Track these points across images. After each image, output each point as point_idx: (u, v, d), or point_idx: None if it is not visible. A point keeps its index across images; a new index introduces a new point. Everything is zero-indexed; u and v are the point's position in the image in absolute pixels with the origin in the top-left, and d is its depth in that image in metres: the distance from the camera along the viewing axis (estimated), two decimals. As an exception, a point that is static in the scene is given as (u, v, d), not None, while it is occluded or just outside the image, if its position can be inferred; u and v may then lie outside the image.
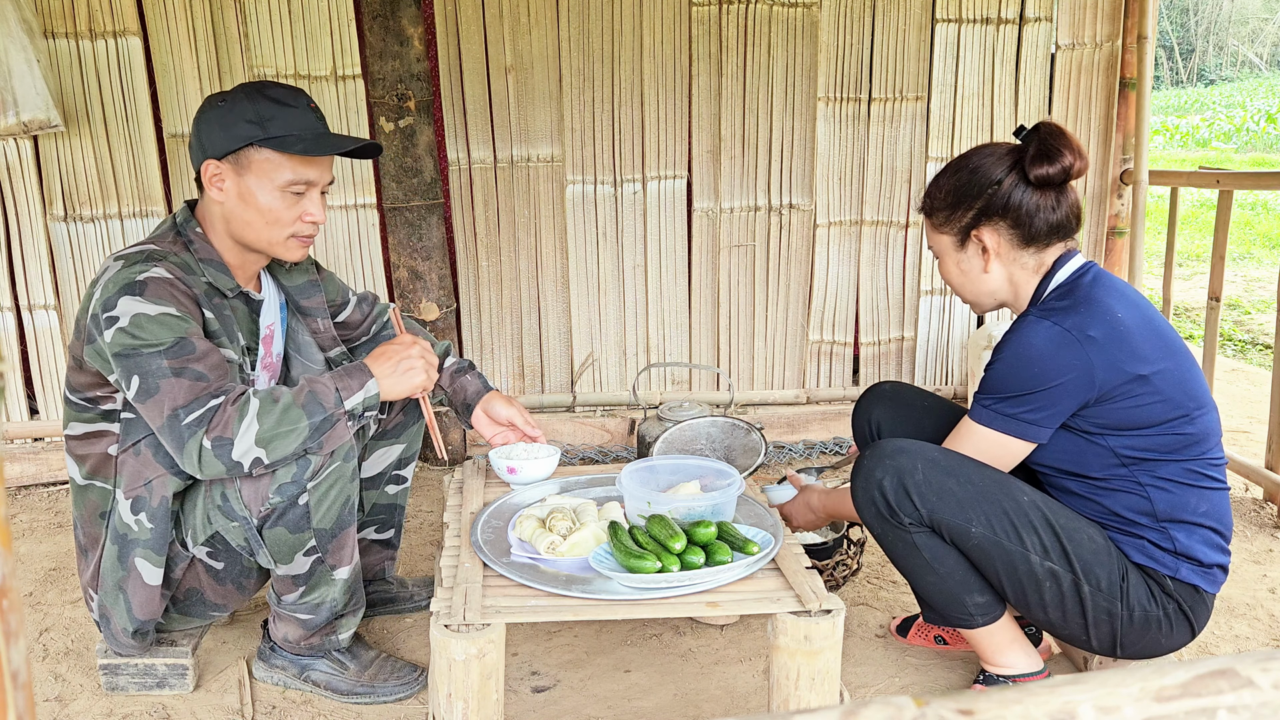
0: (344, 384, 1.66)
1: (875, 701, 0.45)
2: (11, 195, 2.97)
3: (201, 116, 1.73)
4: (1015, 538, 1.64)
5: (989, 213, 1.72)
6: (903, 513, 1.67)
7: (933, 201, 1.80)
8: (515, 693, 1.91)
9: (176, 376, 1.58)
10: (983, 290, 1.79)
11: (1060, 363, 1.61)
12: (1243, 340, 5.18)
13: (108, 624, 1.83)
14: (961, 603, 1.73)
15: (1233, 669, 0.45)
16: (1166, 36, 27.45)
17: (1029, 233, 1.71)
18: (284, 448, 1.60)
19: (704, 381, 3.35)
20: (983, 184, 1.72)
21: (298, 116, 1.71)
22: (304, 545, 1.74)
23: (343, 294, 2.10)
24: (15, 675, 0.43)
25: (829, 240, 3.28)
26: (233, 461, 1.58)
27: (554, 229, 3.19)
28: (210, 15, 2.94)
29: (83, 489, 1.79)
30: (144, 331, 1.59)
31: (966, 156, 1.79)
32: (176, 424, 1.57)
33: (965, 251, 1.77)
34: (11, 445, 3.08)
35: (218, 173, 1.72)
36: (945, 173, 1.80)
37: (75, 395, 1.75)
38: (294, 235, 1.76)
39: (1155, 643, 1.69)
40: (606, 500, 1.84)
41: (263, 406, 1.59)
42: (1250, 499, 2.84)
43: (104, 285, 1.65)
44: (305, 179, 1.73)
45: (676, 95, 3.14)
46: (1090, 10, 3.21)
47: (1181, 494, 1.65)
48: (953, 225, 1.77)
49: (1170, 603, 1.66)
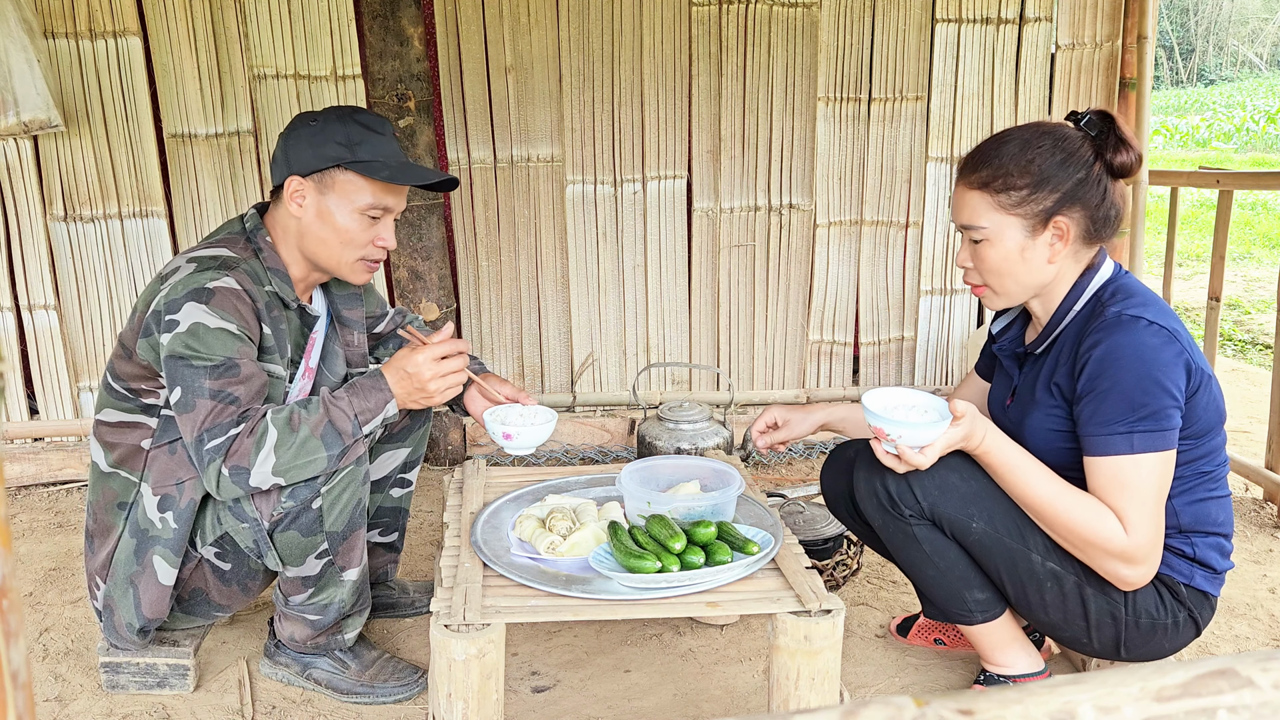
0: (362, 408, 1.67)
1: (875, 701, 0.45)
2: (11, 195, 2.97)
3: (291, 133, 1.76)
4: (1017, 535, 1.62)
5: (1075, 198, 1.58)
6: (904, 505, 1.64)
7: (1007, 178, 1.60)
8: (515, 693, 1.91)
9: (212, 399, 1.61)
10: (1032, 282, 1.64)
11: (1170, 358, 1.52)
12: (1243, 340, 5.18)
13: (110, 615, 1.82)
14: (961, 598, 1.71)
15: (1233, 669, 0.45)
16: (1166, 36, 27.45)
17: (1100, 225, 1.61)
18: (302, 475, 1.64)
19: (704, 381, 3.35)
20: (1077, 165, 1.58)
21: (384, 144, 1.75)
22: (316, 548, 1.75)
23: (381, 306, 2.15)
24: (15, 675, 0.43)
25: (829, 240, 3.28)
26: (250, 487, 1.63)
27: (554, 229, 3.19)
28: (210, 15, 2.94)
29: (105, 476, 1.79)
30: (199, 342, 1.62)
31: (1044, 132, 1.62)
32: (200, 447, 1.61)
33: (1036, 238, 1.60)
34: (11, 445, 3.08)
35: (299, 189, 1.75)
36: (1020, 147, 1.61)
37: (118, 384, 1.76)
38: (363, 258, 1.80)
39: (1159, 647, 1.67)
40: (606, 500, 1.84)
41: (281, 438, 1.61)
42: (1250, 499, 2.84)
43: (173, 285, 1.67)
44: (384, 204, 1.76)
45: (676, 95, 3.14)
46: (1090, 10, 3.21)
47: (1204, 505, 1.64)
48: (1029, 207, 1.59)
49: (1181, 610, 1.64)
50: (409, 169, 1.77)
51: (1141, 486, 1.52)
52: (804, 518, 2.37)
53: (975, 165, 1.64)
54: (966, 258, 1.69)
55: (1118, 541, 1.53)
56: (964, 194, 1.65)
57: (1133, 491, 1.52)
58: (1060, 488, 1.56)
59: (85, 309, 3.07)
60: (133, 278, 3.07)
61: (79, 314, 3.07)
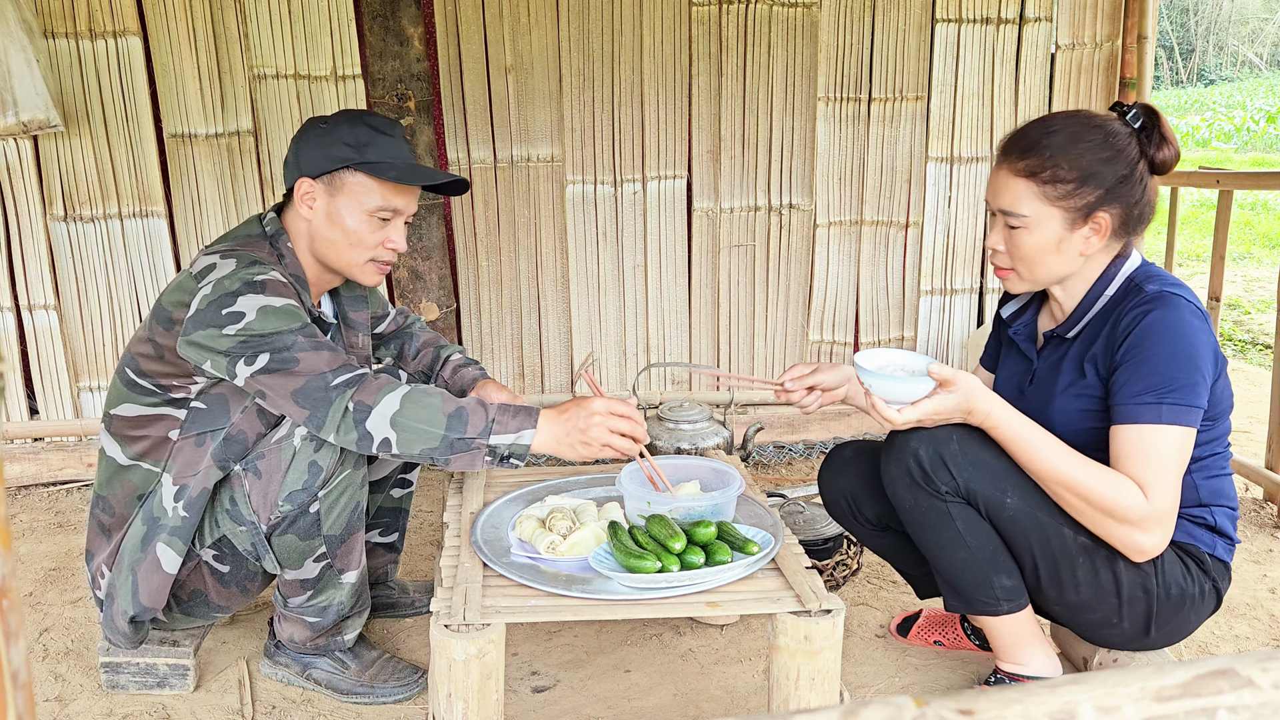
0: (502, 419, 1.59)
1: (875, 701, 0.45)
2: (11, 195, 2.97)
3: (302, 136, 1.76)
4: (1050, 509, 1.60)
5: (1117, 195, 1.58)
6: (940, 481, 1.61)
7: (1055, 169, 1.58)
8: (515, 693, 1.91)
9: (315, 350, 1.60)
10: (1061, 271, 1.64)
11: (1204, 338, 1.54)
12: (1243, 340, 5.18)
13: (111, 604, 1.81)
14: (989, 584, 1.68)
15: (1233, 669, 0.45)
16: (1166, 36, 27.45)
17: (1134, 222, 1.61)
18: (412, 443, 1.57)
19: (704, 381, 3.35)
20: (1123, 162, 1.58)
21: (393, 145, 1.75)
22: (314, 551, 1.75)
23: (384, 307, 2.15)
24: (15, 675, 0.43)
25: (829, 240, 3.28)
26: (365, 431, 1.57)
27: (554, 229, 3.19)
28: (210, 15, 2.94)
29: (124, 469, 1.78)
30: (273, 318, 1.61)
31: (1095, 125, 1.60)
32: (324, 384, 1.57)
33: (1074, 231, 1.60)
34: (11, 445, 3.08)
35: (310, 191, 1.74)
36: (1070, 139, 1.59)
37: (145, 380, 1.74)
38: (374, 260, 1.79)
39: (1185, 620, 1.66)
40: (606, 500, 1.84)
41: (411, 394, 1.58)
42: (1250, 499, 2.84)
43: (216, 282, 1.65)
44: (393, 206, 1.76)
45: (676, 95, 3.14)
46: (1090, 10, 3.21)
47: (1219, 481, 1.67)
48: (1073, 201, 1.58)
49: (1206, 580, 1.64)
50: (418, 170, 1.77)
51: (1163, 455, 1.51)
52: (804, 518, 2.37)
53: (1022, 151, 1.61)
54: (999, 241, 1.67)
55: (1139, 509, 1.52)
56: (1007, 179, 1.63)
57: (1155, 460, 1.51)
58: (1076, 458, 1.56)
59: (85, 309, 3.07)
60: (133, 278, 3.07)
61: (79, 314, 3.07)
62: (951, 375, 1.54)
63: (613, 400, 1.61)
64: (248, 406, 1.73)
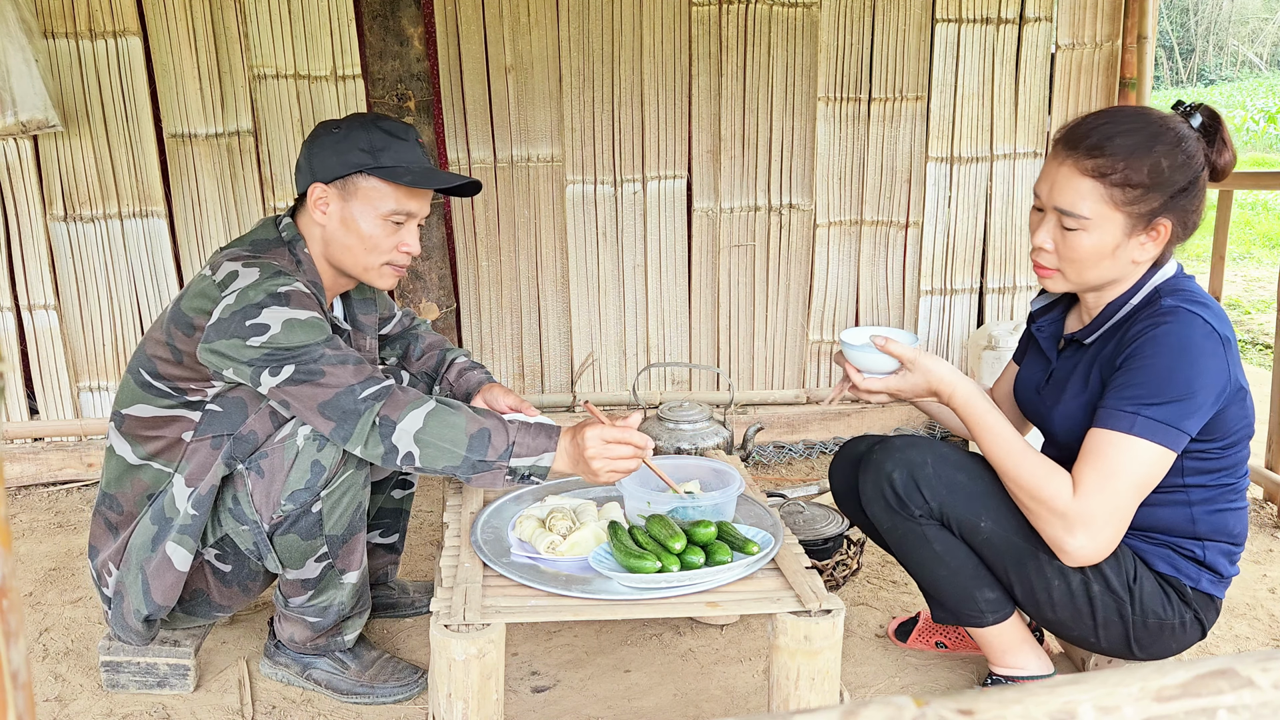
0: (523, 441, 1.60)
1: (875, 701, 0.45)
2: (11, 195, 2.97)
3: (314, 141, 1.75)
4: (1024, 533, 1.61)
5: (1178, 202, 1.52)
6: (913, 505, 1.64)
7: (1127, 173, 1.49)
8: (515, 693, 1.91)
9: (342, 363, 1.61)
10: (1110, 277, 1.58)
11: (1214, 363, 1.48)
12: (1243, 340, 5.18)
13: (120, 601, 1.81)
14: (973, 599, 1.70)
15: (1233, 669, 0.45)
16: (1166, 36, 27.44)
17: (1187, 229, 1.55)
18: (435, 460, 1.59)
19: (704, 381, 3.35)
20: (1189, 168, 1.52)
21: (407, 150, 1.75)
22: (315, 551, 1.75)
23: (390, 309, 2.15)
24: (15, 675, 0.43)
25: (829, 240, 3.28)
26: (390, 445, 1.58)
27: (554, 229, 3.19)
28: (210, 15, 2.94)
29: (134, 468, 1.79)
30: (299, 331, 1.62)
31: (1167, 127, 1.52)
32: (352, 398, 1.59)
33: (1132, 237, 1.53)
34: (11, 445, 3.08)
35: (323, 196, 1.75)
36: (1144, 141, 1.51)
37: (160, 382, 1.74)
38: (389, 263, 1.79)
39: (1166, 646, 1.67)
40: (606, 500, 1.84)
41: (436, 410, 1.59)
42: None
43: (240, 292, 1.64)
44: (407, 210, 1.76)
45: (676, 95, 3.14)
46: (1090, 10, 3.21)
47: (1223, 516, 1.62)
48: (1138, 206, 1.51)
49: (1188, 611, 1.63)
50: (432, 174, 1.77)
51: (1116, 465, 1.47)
52: (804, 518, 2.37)
53: (1090, 149, 1.51)
54: (1048, 239, 1.57)
55: (1061, 501, 1.50)
56: (1069, 176, 1.53)
57: (1104, 466, 1.47)
58: (1022, 444, 1.56)
59: (85, 309, 3.07)
60: (133, 278, 3.07)
61: (79, 314, 3.07)
62: (911, 356, 1.58)
63: (605, 428, 1.59)
64: (262, 409, 1.73)
